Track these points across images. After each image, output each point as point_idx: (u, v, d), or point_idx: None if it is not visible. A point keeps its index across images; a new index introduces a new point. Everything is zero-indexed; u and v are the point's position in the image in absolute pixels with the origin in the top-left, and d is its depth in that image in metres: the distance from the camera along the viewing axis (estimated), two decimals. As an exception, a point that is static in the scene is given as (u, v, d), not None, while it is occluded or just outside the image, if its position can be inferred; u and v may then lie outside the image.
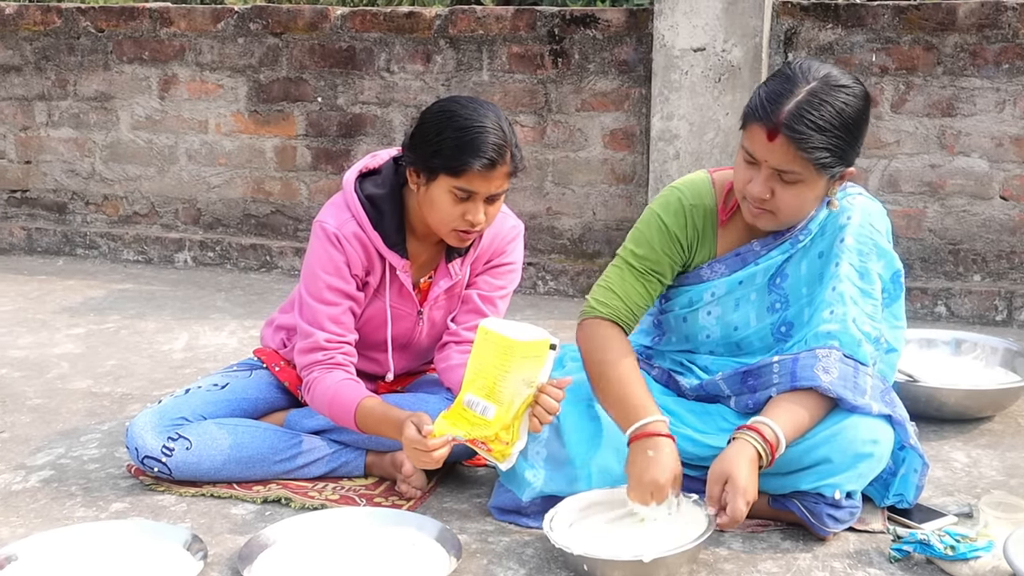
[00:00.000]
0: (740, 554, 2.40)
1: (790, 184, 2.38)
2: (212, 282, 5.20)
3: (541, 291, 4.94)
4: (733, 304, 2.62)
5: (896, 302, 2.62)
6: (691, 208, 2.59)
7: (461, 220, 2.59)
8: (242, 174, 5.50)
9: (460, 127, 2.54)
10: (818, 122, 2.30)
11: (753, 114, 2.37)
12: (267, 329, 3.05)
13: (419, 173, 2.61)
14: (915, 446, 2.46)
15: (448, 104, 2.62)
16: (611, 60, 4.78)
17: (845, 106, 2.33)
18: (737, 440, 2.31)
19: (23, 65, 5.73)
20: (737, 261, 2.60)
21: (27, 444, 3.09)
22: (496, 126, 2.55)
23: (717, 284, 2.61)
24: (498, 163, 2.53)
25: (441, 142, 2.55)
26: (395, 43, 5.08)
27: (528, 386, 2.42)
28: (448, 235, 2.63)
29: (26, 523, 2.58)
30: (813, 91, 2.32)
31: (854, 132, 2.37)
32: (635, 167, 4.83)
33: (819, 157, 2.33)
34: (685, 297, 2.66)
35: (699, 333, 2.67)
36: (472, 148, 2.52)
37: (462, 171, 2.53)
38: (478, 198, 2.56)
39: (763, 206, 2.42)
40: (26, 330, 4.33)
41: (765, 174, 2.38)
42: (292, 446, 2.78)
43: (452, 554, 2.34)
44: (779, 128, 2.31)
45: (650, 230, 2.61)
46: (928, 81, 4.41)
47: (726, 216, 2.60)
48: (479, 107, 2.59)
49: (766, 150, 2.35)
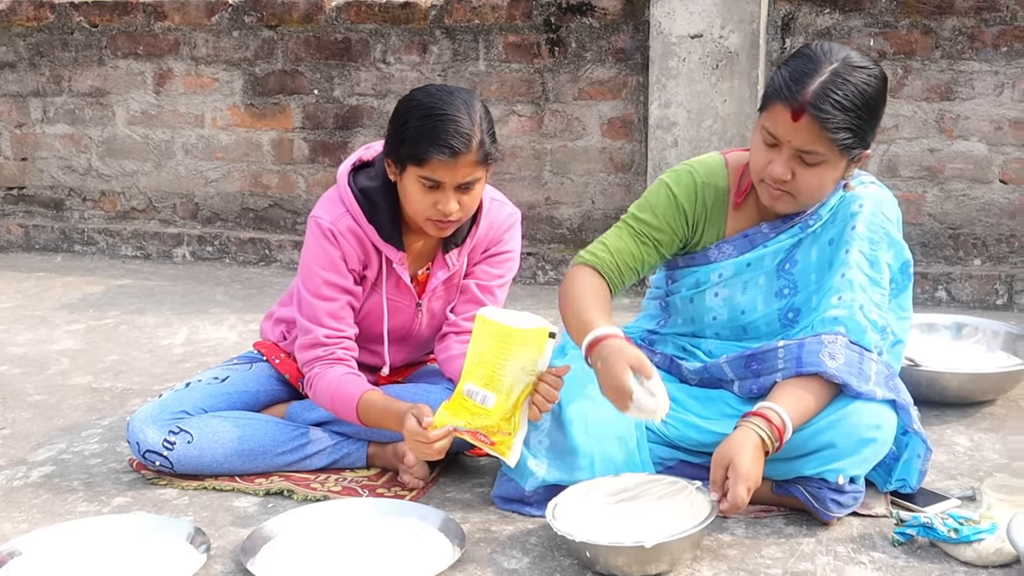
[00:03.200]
0: (744, 540, 2.40)
1: (812, 166, 2.38)
2: (211, 276, 5.19)
3: (541, 281, 4.93)
4: (741, 287, 2.61)
5: (904, 293, 2.61)
6: (703, 185, 2.59)
7: (433, 209, 2.56)
8: (239, 168, 5.49)
9: (423, 116, 2.51)
10: (843, 102, 2.30)
11: (777, 94, 2.36)
12: (267, 322, 3.05)
13: (393, 163, 2.60)
14: (918, 431, 2.46)
15: (416, 93, 2.60)
16: (608, 48, 4.77)
17: (867, 87, 2.34)
18: (741, 427, 2.30)
19: (17, 61, 5.72)
20: (745, 243, 2.60)
21: (28, 440, 3.09)
22: (463, 113, 2.51)
23: (725, 265, 2.61)
24: (461, 152, 2.50)
25: (405, 131, 2.53)
26: (391, 34, 5.06)
27: (528, 374, 2.41)
28: (424, 224, 2.61)
29: (28, 518, 2.58)
30: (836, 71, 2.32)
31: (874, 113, 2.37)
32: (633, 155, 4.82)
33: (842, 138, 2.32)
34: (692, 278, 2.66)
35: (706, 315, 2.66)
36: (432, 137, 2.49)
37: (424, 160, 2.51)
38: (446, 187, 2.54)
39: (783, 188, 2.42)
40: (25, 327, 4.33)
41: (787, 155, 2.37)
42: (294, 438, 2.78)
43: (455, 544, 2.33)
44: (805, 108, 2.31)
45: (657, 198, 2.60)
46: (926, 65, 4.40)
47: (740, 199, 2.59)
48: (448, 95, 2.55)
49: (790, 130, 2.34)
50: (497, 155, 2.58)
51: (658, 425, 2.54)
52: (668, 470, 2.56)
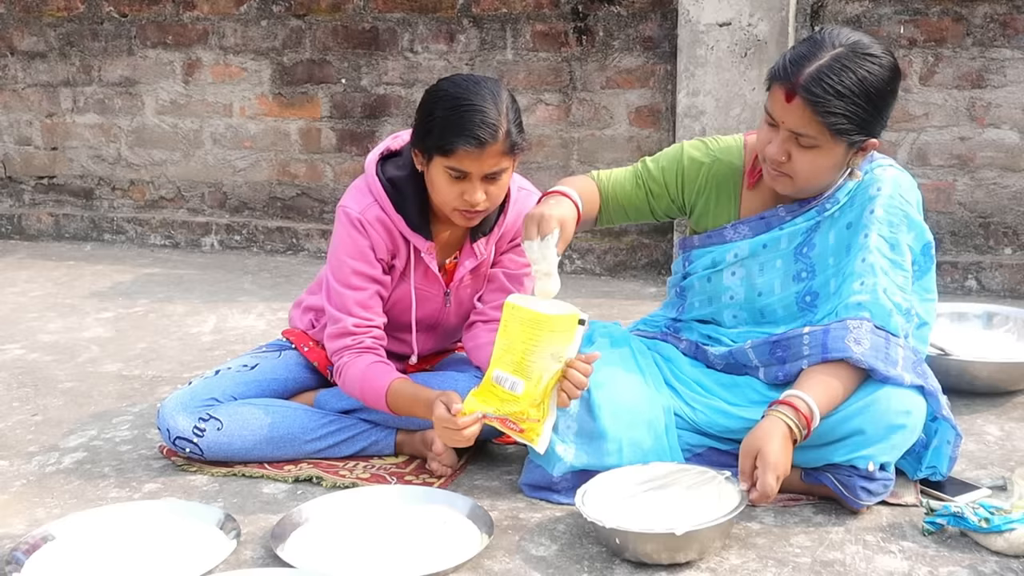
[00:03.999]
0: (772, 528, 2.39)
1: (806, 148, 2.38)
2: (239, 265, 5.22)
3: (568, 270, 4.93)
4: (758, 268, 2.61)
5: (927, 274, 2.59)
6: (714, 159, 2.64)
7: (460, 200, 2.56)
8: (267, 157, 5.51)
9: (449, 107, 2.51)
10: (837, 87, 2.30)
11: (776, 75, 2.39)
12: (295, 310, 3.06)
13: (420, 153, 2.60)
14: (947, 417, 2.44)
15: (443, 83, 2.59)
16: (636, 36, 4.75)
17: (868, 74, 2.32)
18: (769, 416, 2.30)
19: (48, 51, 5.76)
20: (761, 224, 2.60)
21: (60, 427, 3.12)
22: (490, 103, 2.50)
23: (740, 245, 2.61)
24: (487, 143, 2.49)
25: (432, 122, 2.52)
26: (418, 23, 5.06)
27: (557, 361, 2.41)
28: (452, 215, 2.61)
29: (61, 503, 2.60)
30: (837, 56, 2.32)
31: (876, 102, 2.35)
32: (661, 144, 4.81)
33: (835, 122, 2.32)
34: (708, 258, 2.67)
35: (723, 294, 2.67)
36: (459, 128, 2.48)
37: (451, 151, 2.50)
38: (473, 178, 2.53)
39: (780, 168, 2.43)
40: (56, 315, 4.36)
41: (782, 136, 2.39)
42: (322, 425, 2.79)
43: (484, 531, 2.34)
44: (796, 89, 2.32)
45: (668, 153, 2.72)
46: (957, 52, 4.36)
47: (753, 179, 2.61)
48: (474, 84, 2.54)
49: (784, 111, 2.36)
50: (524, 145, 2.57)
51: (685, 411, 2.54)
52: (696, 456, 2.55)
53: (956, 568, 2.20)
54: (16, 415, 3.22)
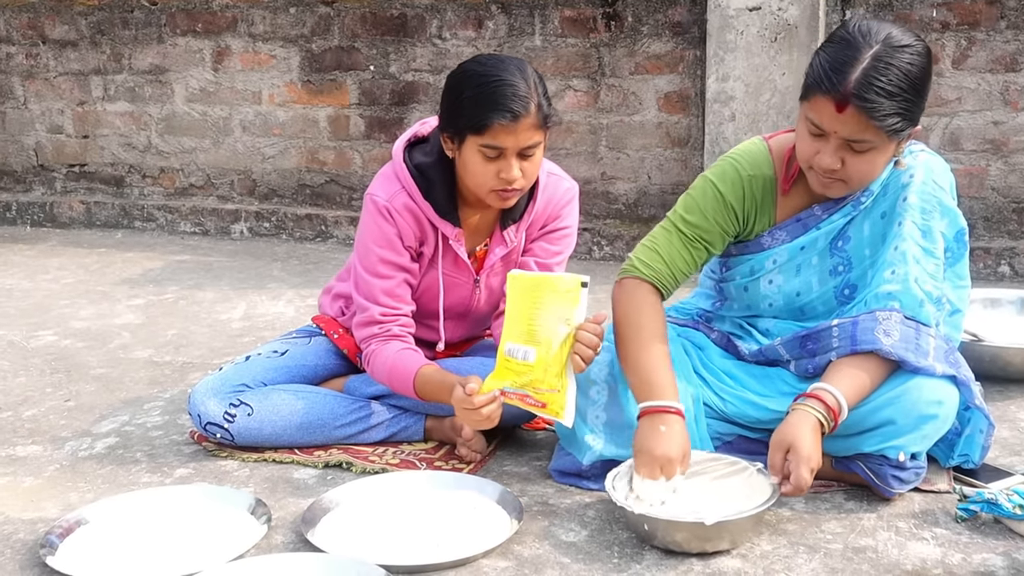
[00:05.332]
0: (803, 515, 2.38)
1: (861, 153, 2.31)
2: (268, 252, 5.24)
3: (596, 256, 4.92)
4: (794, 270, 2.57)
5: (960, 261, 2.57)
6: (750, 178, 2.54)
7: (496, 179, 2.54)
8: (296, 144, 5.52)
9: (478, 84, 2.49)
10: (887, 88, 2.22)
11: (818, 85, 2.28)
12: (325, 297, 3.06)
13: (451, 138, 2.58)
14: (980, 406, 2.42)
15: (468, 64, 2.58)
16: (665, 22, 4.73)
17: (911, 66, 2.26)
18: (797, 410, 2.28)
19: (79, 40, 5.79)
20: (799, 227, 2.55)
21: (92, 412, 3.14)
22: (518, 78, 2.49)
23: (779, 251, 2.57)
24: (521, 115, 2.47)
25: (462, 102, 2.51)
26: (447, 9, 5.06)
27: (565, 324, 2.39)
28: (488, 196, 2.59)
29: (93, 488, 2.62)
30: (877, 55, 2.24)
31: (920, 91, 2.30)
32: (690, 130, 4.79)
33: (891, 124, 2.25)
34: (746, 266, 2.62)
35: (761, 302, 2.64)
36: (492, 102, 2.47)
37: (485, 127, 2.48)
38: (508, 154, 2.51)
39: (834, 176, 2.37)
40: (88, 302, 4.39)
41: (835, 144, 2.31)
42: (352, 411, 2.80)
43: (513, 516, 2.34)
44: (848, 99, 2.23)
45: (704, 198, 2.55)
46: (991, 36, 4.32)
47: (788, 185, 2.54)
48: (499, 62, 2.54)
49: (835, 122, 2.27)
50: (555, 118, 2.56)
51: (715, 400, 2.53)
52: (726, 444, 2.54)
53: (990, 555, 2.18)
54: (49, 401, 3.24)
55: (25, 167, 6.10)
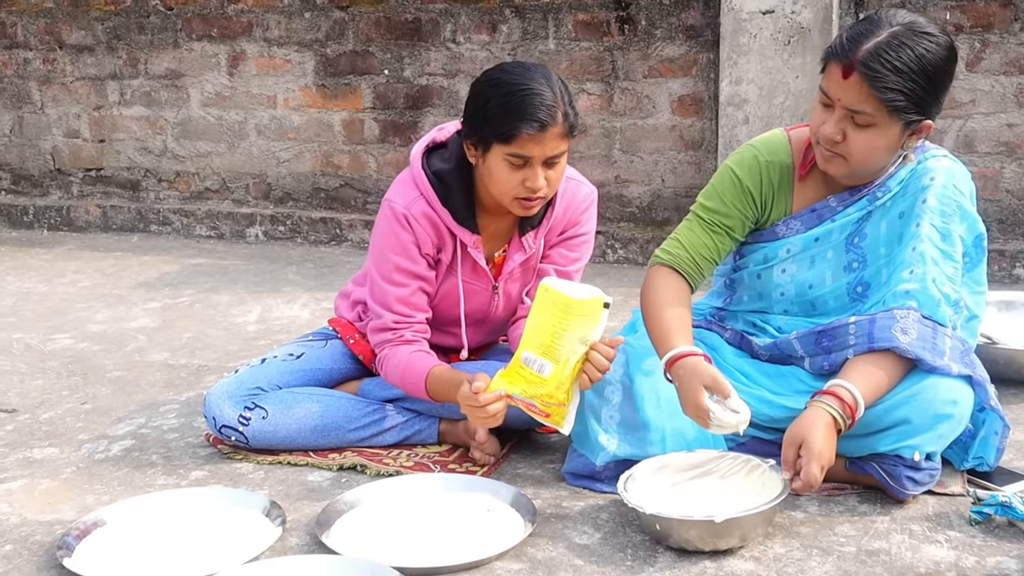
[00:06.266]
0: (816, 517, 2.38)
1: (862, 127, 2.36)
2: (283, 256, 5.25)
3: (611, 259, 4.92)
4: (808, 261, 2.59)
5: (978, 267, 2.57)
6: (767, 164, 2.58)
7: (521, 187, 2.54)
8: (311, 148, 5.54)
9: (506, 92, 2.50)
10: (895, 63, 2.28)
11: (832, 53, 2.37)
12: (342, 301, 3.06)
13: (475, 145, 2.58)
14: (996, 408, 2.42)
15: (493, 72, 2.58)
16: (678, 25, 4.73)
17: (926, 52, 2.31)
18: (812, 406, 2.29)
19: (95, 45, 5.82)
20: (813, 217, 2.57)
21: (108, 415, 3.16)
22: (545, 87, 2.50)
23: (793, 241, 2.59)
24: (548, 124, 2.48)
25: (489, 110, 2.51)
26: (460, 13, 5.07)
27: (583, 344, 2.41)
28: (511, 204, 2.60)
29: (110, 490, 2.64)
30: (895, 34, 2.31)
31: (933, 81, 2.33)
32: (704, 133, 4.79)
33: (892, 98, 2.30)
34: (760, 254, 2.64)
35: (773, 291, 2.65)
36: (519, 112, 2.47)
37: (512, 137, 2.49)
38: (534, 163, 2.52)
39: (834, 149, 2.40)
40: (104, 305, 4.42)
41: (838, 115, 2.37)
42: (367, 414, 2.81)
43: (527, 519, 2.35)
44: (854, 65, 2.30)
45: (723, 184, 2.61)
46: (1005, 38, 4.31)
47: (804, 171, 2.58)
48: (526, 71, 2.54)
49: (840, 88, 2.34)
50: (580, 126, 2.57)
51: None
52: (740, 446, 2.54)
53: (1004, 558, 2.18)
54: (66, 404, 3.26)
55: (42, 171, 6.14)
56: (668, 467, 2.43)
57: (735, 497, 2.31)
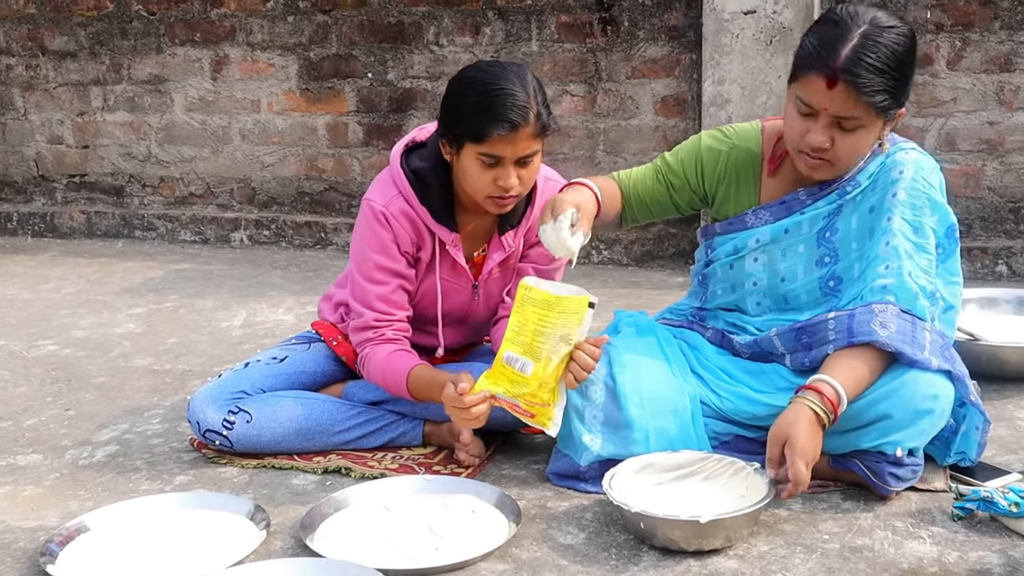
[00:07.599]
0: (800, 515, 2.39)
1: (850, 131, 2.37)
2: (268, 260, 5.25)
3: (595, 260, 4.93)
4: (780, 253, 2.61)
5: (951, 257, 2.58)
6: (732, 146, 2.65)
7: (493, 186, 2.55)
8: (295, 152, 5.54)
9: (479, 92, 2.50)
10: (876, 64, 2.30)
11: (809, 63, 2.36)
12: (325, 303, 3.06)
13: (449, 144, 2.59)
14: (976, 403, 2.43)
15: (469, 70, 2.59)
16: (661, 26, 4.75)
17: (897, 46, 2.33)
18: (795, 402, 2.29)
19: (78, 51, 5.81)
20: (782, 209, 2.60)
21: (92, 421, 3.15)
22: (518, 86, 2.50)
23: (762, 231, 2.62)
24: (520, 125, 2.48)
25: (462, 109, 2.52)
26: (443, 16, 5.07)
27: (566, 343, 2.41)
28: (485, 202, 2.60)
29: (94, 496, 2.63)
30: (866, 34, 2.32)
31: (906, 71, 2.37)
32: (687, 133, 4.79)
33: (879, 100, 2.32)
34: (730, 244, 2.67)
35: (746, 281, 2.67)
36: (491, 112, 2.48)
37: (484, 137, 2.49)
38: (506, 163, 2.52)
39: (822, 156, 2.41)
40: (88, 311, 4.41)
41: (824, 123, 2.37)
42: (351, 417, 2.81)
43: (511, 519, 2.35)
44: (838, 74, 2.30)
45: (686, 145, 2.74)
46: (985, 36, 4.33)
47: (773, 166, 2.61)
48: (501, 70, 2.54)
49: (826, 98, 2.34)
50: (553, 126, 2.58)
51: (711, 398, 2.54)
52: (723, 445, 2.55)
53: (986, 553, 2.19)
54: (50, 410, 3.25)
55: (25, 178, 6.12)
56: (652, 467, 2.43)
57: (719, 498, 2.31)
